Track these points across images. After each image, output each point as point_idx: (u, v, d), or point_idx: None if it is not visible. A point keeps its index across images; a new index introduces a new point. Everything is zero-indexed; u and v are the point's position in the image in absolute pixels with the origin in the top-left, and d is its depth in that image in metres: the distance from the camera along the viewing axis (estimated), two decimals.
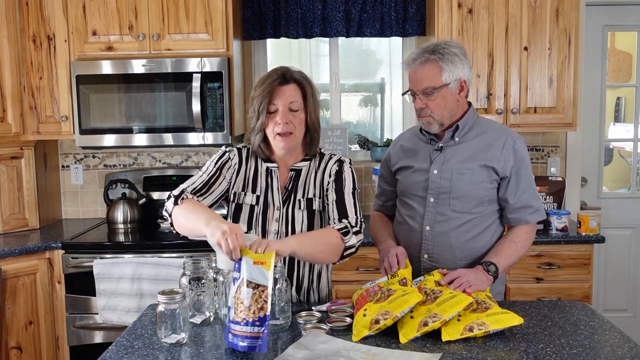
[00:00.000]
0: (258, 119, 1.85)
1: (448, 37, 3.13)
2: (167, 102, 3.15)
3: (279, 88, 1.84)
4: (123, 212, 3.34)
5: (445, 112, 1.99)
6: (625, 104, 4.03)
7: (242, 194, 1.93)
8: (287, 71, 1.87)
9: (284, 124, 1.82)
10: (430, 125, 2.02)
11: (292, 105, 1.84)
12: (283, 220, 1.91)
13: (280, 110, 1.83)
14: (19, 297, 2.95)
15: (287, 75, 1.86)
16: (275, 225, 1.91)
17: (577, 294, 2.98)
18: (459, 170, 2.00)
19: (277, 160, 1.95)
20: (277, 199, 1.92)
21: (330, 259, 1.80)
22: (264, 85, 1.84)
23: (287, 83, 1.85)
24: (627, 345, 1.57)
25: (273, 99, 1.83)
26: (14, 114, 3.20)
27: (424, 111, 1.99)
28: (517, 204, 2.00)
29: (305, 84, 1.88)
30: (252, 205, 1.92)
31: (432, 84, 1.95)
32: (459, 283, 1.79)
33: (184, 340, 1.60)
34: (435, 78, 1.95)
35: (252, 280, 1.47)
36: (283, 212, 1.91)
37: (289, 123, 1.83)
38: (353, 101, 3.97)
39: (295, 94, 1.85)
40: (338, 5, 3.46)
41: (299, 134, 1.88)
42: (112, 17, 3.15)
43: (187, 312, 1.62)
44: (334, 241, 1.77)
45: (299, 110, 1.86)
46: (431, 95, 1.96)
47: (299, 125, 1.86)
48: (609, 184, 4.00)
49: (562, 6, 3.11)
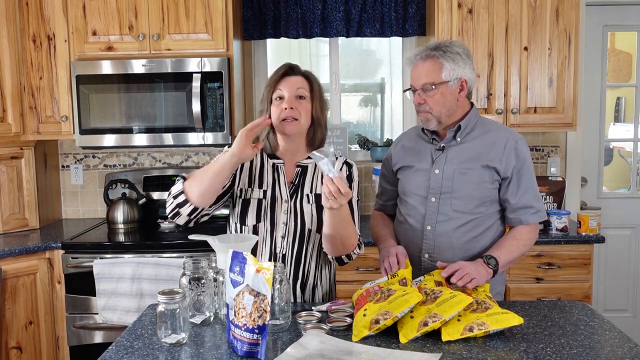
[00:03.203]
0: (267, 110, 1.93)
1: (448, 37, 3.13)
2: (167, 102, 3.15)
3: (286, 78, 1.92)
4: (123, 212, 3.34)
5: (443, 109, 1.99)
6: (625, 104, 4.03)
7: (249, 189, 1.96)
8: (296, 66, 1.97)
9: (290, 108, 1.87)
10: (428, 122, 2.02)
11: (299, 91, 1.91)
12: (292, 213, 1.94)
13: (286, 96, 1.89)
14: (19, 297, 2.95)
15: (295, 68, 1.95)
16: (283, 217, 1.93)
17: (577, 294, 2.98)
18: (460, 170, 2.00)
19: (282, 157, 1.98)
20: (284, 193, 1.95)
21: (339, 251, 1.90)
22: (272, 76, 1.94)
23: (294, 74, 1.93)
24: (627, 345, 1.57)
25: (280, 86, 1.91)
26: (14, 114, 3.20)
27: (422, 107, 2.00)
28: (518, 204, 2.00)
29: (313, 78, 1.97)
30: (260, 199, 1.95)
31: (432, 80, 1.96)
32: (460, 275, 1.79)
33: (184, 340, 1.60)
34: (435, 74, 1.96)
35: (255, 288, 1.48)
36: (291, 205, 1.94)
37: (294, 109, 1.88)
38: (353, 101, 3.96)
39: (302, 84, 1.93)
40: (338, 5, 3.46)
41: (304, 122, 1.91)
42: (112, 17, 3.15)
43: (187, 312, 1.62)
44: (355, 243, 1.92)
45: (305, 98, 1.92)
46: (430, 91, 1.97)
47: (305, 114, 1.91)
48: (609, 184, 4.00)
49: (562, 6, 3.11)
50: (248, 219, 1.94)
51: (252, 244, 1.78)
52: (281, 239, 1.93)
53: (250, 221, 1.94)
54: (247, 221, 1.94)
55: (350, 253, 1.92)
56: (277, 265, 1.64)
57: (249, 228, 1.94)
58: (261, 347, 1.47)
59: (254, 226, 1.94)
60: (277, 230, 1.93)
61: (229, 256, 1.56)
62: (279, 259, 1.94)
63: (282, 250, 1.94)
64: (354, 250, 1.93)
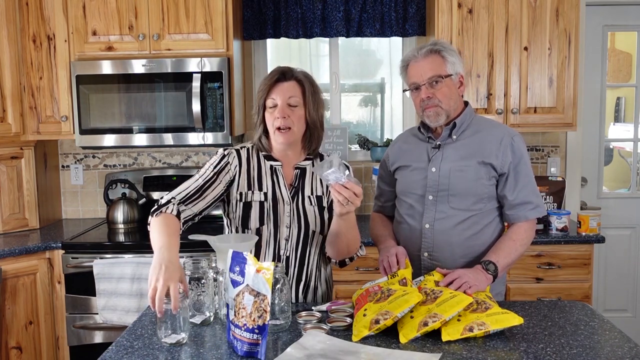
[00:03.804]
0: (259, 114, 1.93)
1: (448, 37, 3.14)
2: (167, 102, 3.15)
3: (278, 84, 1.90)
4: (123, 212, 3.34)
5: (451, 102, 2.01)
6: (625, 104, 4.03)
7: (250, 192, 1.95)
8: (289, 70, 1.94)
9: (282, 118, 1.87)
10: (437, 117, 2.00)
11: (291, 100, 1.89)
12: (295, 215, 1.94)
13: (279, 105, 1.88)
14: (19, 297, 2.95)
15: (288, 73, 1.92)
16: (286, 219, 1.93)
17: (577, 294, 2.98)
18: (457, 167, 2.00)
19: (280, 159, 1.98)
20: (285, 195, 1.95)
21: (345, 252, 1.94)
22: (265, 81, 1.92)
23: (286, 80, 1.91)
24: (627, 345, 1.57)
25: (272, 94, 1.89)
26: (14, 114, 3.20)
27: (432, 100, 1.98)
28: (516, 200, 2.00)
29: (306, 82, 1.93)
30: (262, 201, 1.94)
31: (438, 72, 1.98)
32: (458, 284, 1.79)
33: (184, 340, 1.60)
34: (441, 67, 1.98)
35: (255, 288, 1.48)
36: (293, 207, 1.94)
37: (287, 118, 1.87)
38: (353, 101, 3.96)
39: (294, 90, 1.90)
40: (338, 5, 3.45)
41: (298, 129, 1.91)
42: (112, 17, 3.15)
43: (187, 312, 1.62)
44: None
45: (297, 106, 1.90)
46: (438, 83, 1.97)
47: (298, 121, 1.90)
48: (609, 184, 4.00)
49: (562, 6, 3.11)
50: (251, 222, 1.93)
51: (252, 244, 1.78)
52: (285, 241, 1.93)
53: (254, 224, 1.93)
54: (250, 224, 1.93)
55: (353, 255, 1.96)
56: (277, 265, 1.64)
57: (251, 232, 1.93)
58: (261, 347, 1.47)
59: (257, 229, 1.93)
60: (280, 233, 1.93)
61: (229, 256, 1.56)
62: (283, 261, 1.93)
63: (285, 253, 1.93)
64: (357, 253, 1.96)
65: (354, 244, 1.92)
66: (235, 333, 1.51)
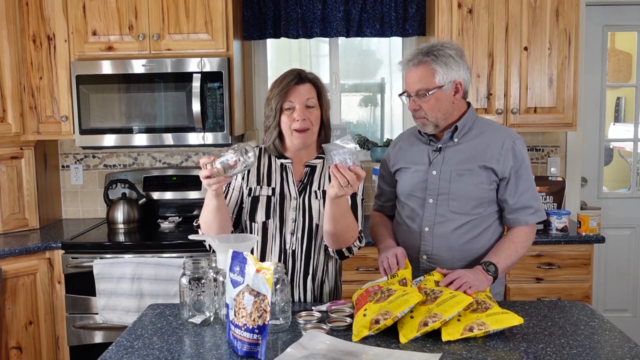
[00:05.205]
0: (275, 117, 1.95)
1: (448, 37, 3.13)
2: (167, 102, 3.15)
3: (295, 87, 1.94)
4: (123, 212, 3.34)
5: (439, 113, 1.99)
6: (625, 104, 4.03)
7: (258, 187, 1.99)
8: (302, 72, 1.98)
9: (302, 120, 1.91)
10: (425, 127, 2.03)
11: (309, 102, 1.94)
12: (300, 209, 1.96)
13: (297, 107, 1.92)
14: (19, 297, 2.95)
15: (303, 76, 1.97)
16: (292, 214, 1.96)
17: (577, 294, 2.98)
18: (457, 171, 2.00)
19: (291, 157, 2.01)
20: (293, 190, 1.98)
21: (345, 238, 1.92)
22: (281, 85, 1.94)
23: (302, 82, 1.95)
24: (627, 345, 1.57)
25: (290, 97, 1.93)
26: (14, 114, 3.20)
27: (418, 113, 2.00)
28: (516, 204, 2.00)
29: (319, 83, 2.00)
30: (269, 196, 1.98)
31: (425, 85, 1.95)
32: (458, 284, 1.79)
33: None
34: (429, 80, 1.95)
35: (255, 288, 1.48)
36: (299, 201, 1.97)
37: (306, 119, 1.92)
38: (353, 101, 3.96)
39: (310, 92, 1.95)
40: (338, 5, 3.45)
41: (316, 129, 1.97)
42: (112, 17, 3.15)
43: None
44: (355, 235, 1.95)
45: (314, 107, 1.95)
46: (424, 97, 1.96)
47: (315, 122, 1.95)
48: (609, 184, 4.00)
49: (562, 6, 3.11)
50: (257, 216, 1.97)
51: (252, 244, 1.78)
52: (290, 235, 1.96)
53: (260, 218, 1.96)
54: (256, 218, 1.97)
55: (351, 246, 1.94)
56: (277, 265, 1.65)
57: (258, 225, 1.97)
58: (261, 347, 1.47)
59: (263, 223, 1.96)
60: (286, 227, 1.96)
61: (229, 256, 1.57)
62: (289, 254, 1.96)
63: (291, 246, 1.96)
64: (355, 243, 1.94)
65: (350, 232, 1.90)
66: (235, 333, 1.52)
